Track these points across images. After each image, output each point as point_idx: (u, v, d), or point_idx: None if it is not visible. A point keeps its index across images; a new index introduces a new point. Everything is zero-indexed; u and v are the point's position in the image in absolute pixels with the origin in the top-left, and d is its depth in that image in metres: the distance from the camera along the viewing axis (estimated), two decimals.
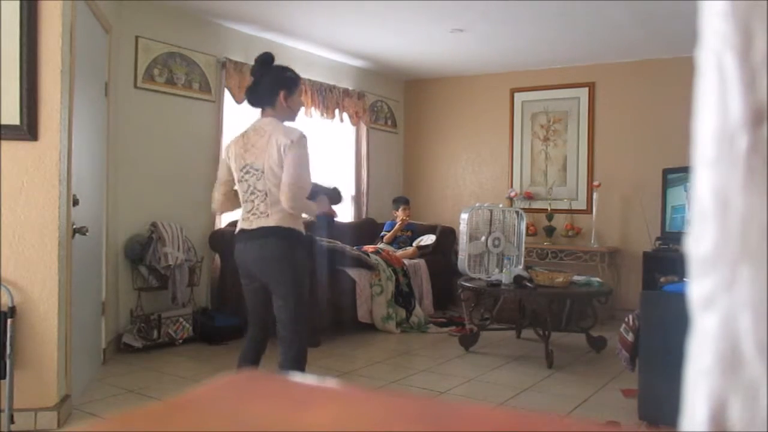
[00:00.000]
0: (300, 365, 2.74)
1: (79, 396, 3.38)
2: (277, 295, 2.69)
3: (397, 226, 6.43)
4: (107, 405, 3.34)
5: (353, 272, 5.29)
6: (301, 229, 2.71)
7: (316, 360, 4.43)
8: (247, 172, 2.65)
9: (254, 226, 2.64)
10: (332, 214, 3.04)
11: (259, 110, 2.80)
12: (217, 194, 2.85)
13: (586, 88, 6.51)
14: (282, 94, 2.71)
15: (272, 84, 2.72)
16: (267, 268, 2.67)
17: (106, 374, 3.90)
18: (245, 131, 2.77)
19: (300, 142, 2.61)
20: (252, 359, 2.85)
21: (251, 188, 2.65)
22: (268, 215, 2.61)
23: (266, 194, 2.60)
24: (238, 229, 2.75)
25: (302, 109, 3.13)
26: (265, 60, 2.77)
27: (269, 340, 2.90)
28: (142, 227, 4.65)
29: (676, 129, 5.55)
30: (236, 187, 2.78)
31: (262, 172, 2.60)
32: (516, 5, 4.73)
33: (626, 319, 3.39)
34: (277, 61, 2.85)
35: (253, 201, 2.65)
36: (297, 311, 2.70)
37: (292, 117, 2.80)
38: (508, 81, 6.93)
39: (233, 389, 0.47)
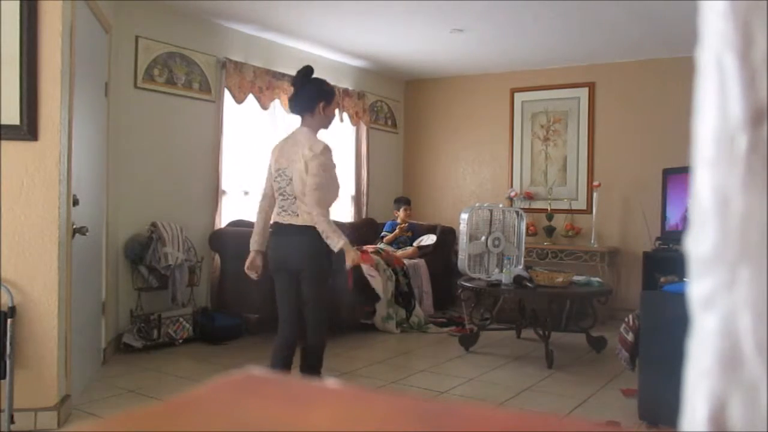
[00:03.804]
0: (320, 366, 3.13)
1: (79, 396, 3.38)
2: (307, 293, 2.99)
3: (398, 229, 6.43)
4: (107, 405, 3.34)
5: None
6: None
7: None
8: (280, 176, 3.02)
9: (286, 222, 3.00)
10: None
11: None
12: (264, 203, 3.17)
13: (586, 88, 6.51)
14: (321, 104, 3.07)
15: (313, 95, 3.07)
16: (304, 264, 2.97)
17: (106, 374, 3.90)
18: (285, 138, 3.15)
19: (323, 152, 2.95)
20: (287, 359, 3.08)
21: (282, 190, 3.01)
22: (297, 215, 2.97)
23: (295, 198, 2.97)
24: (273, 221, 3.10)
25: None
26: (307, 72, 3.12)
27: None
28: (142, 227, 4.65)
29: (676, 129, 5.54)
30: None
31: (291, 179, 2.97)
32: (516, 5, 4.73)
33: (626, 319, 3.40)
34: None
35: (284, 201, 3.02)
36: (322, 314, 3.05)
37: (327, 124, 3.16)
38: (508, 81, 6.93)
39: (233, 389, 0.47)
